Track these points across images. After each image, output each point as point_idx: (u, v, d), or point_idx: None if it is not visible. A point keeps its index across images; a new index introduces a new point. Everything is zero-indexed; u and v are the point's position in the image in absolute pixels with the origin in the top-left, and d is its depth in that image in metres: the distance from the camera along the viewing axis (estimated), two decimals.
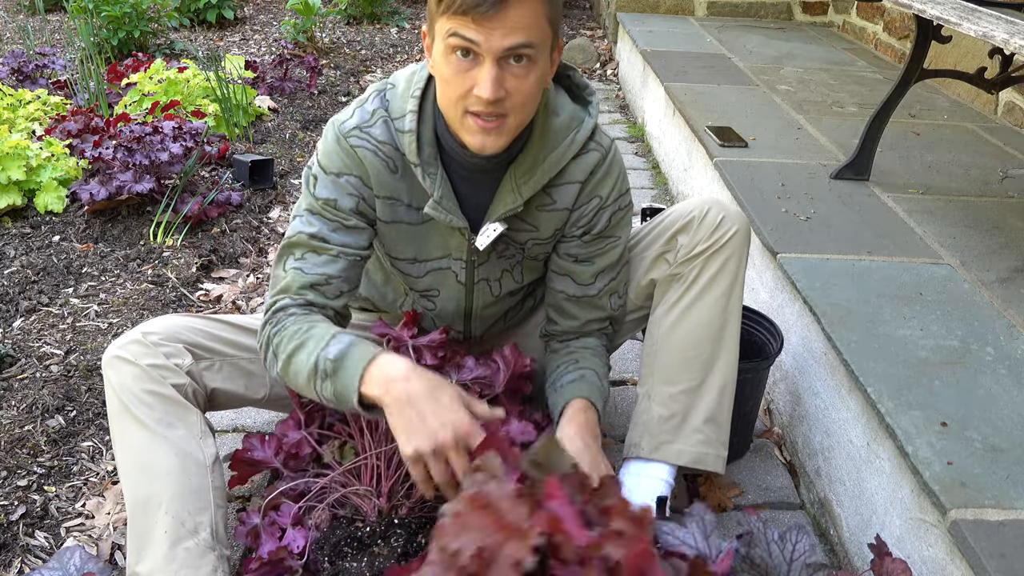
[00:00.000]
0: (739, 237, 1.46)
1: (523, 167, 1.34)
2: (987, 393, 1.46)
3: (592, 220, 1.43)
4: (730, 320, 1.47)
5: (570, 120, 1.36)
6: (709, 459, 1.48)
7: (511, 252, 1.46)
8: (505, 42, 1.15)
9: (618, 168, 1.43)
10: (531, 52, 1.18)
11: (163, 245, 2.52)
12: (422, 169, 1.32)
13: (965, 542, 1.15)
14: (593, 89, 1.41)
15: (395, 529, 1.29)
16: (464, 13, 1.13)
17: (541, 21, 1.17)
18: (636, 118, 4.02)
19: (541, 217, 1.41)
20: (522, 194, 1.35)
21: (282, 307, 1.33)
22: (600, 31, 5.63)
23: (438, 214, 1.35)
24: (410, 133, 1.31)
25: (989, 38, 1.72)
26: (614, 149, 1.43)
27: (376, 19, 5.95)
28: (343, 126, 1.35)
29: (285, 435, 1.44)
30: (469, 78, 1.19)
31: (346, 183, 1.35)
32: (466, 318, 1.55)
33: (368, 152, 1.34)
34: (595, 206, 1.42)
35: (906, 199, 2.29)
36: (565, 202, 1.40)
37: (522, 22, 1.15)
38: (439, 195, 1.33)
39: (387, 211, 1.39)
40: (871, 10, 4.32)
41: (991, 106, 3.21)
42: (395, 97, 1.35)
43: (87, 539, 1.50)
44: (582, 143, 1.37)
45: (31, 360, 1.96)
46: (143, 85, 3.44)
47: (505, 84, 1.19)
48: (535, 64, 1.20)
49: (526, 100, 1.22)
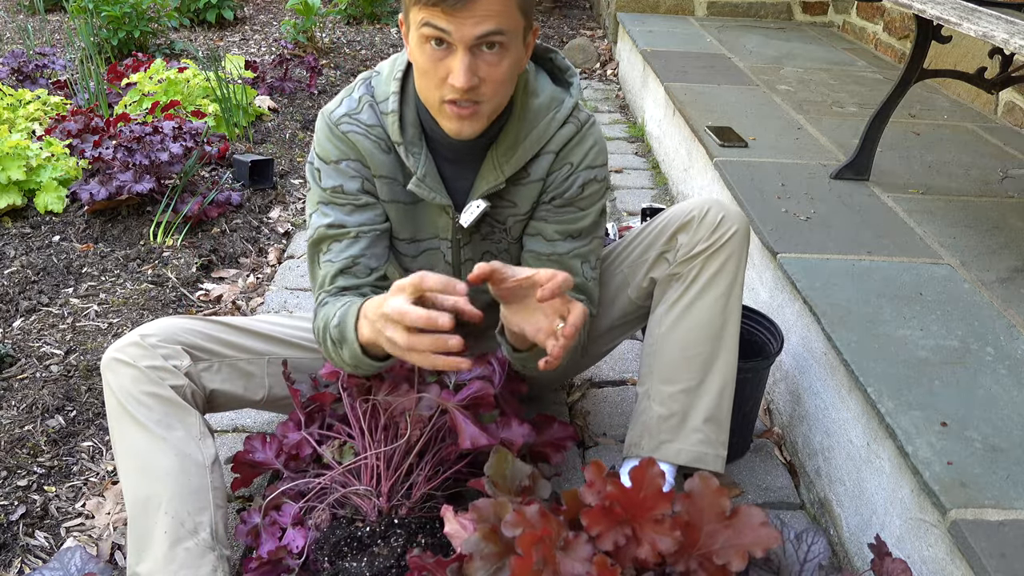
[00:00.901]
0: (739, 237, 1.46)
1: (504, 145, 1.37)
2: (987, 393, 1.45)
3: (562, 185, 1.42)
4: (730, 319, 1.47)
5: (550, 100, 1.39)
6: (709, 459, 1.48)
7: (496, 235, 1.47)
8: (476, 30, 1.17)
9: (592, 139, 1.42)
10: (503, 39, 1.20)
11: (163, 245, 2.52)
12: (405, 148, 1.35)
13: (965, 542, 1.15)
14: (575, 71, 1.43)
15: (395, 529, 1.29)
16: (435, 4, 1.16)
17: (511, 9, 1.20)
18: (636, 118, 4.02)
19: (519, 192, 1.43)
20: (504, 171, 1.38)
21: (320, 303, 1.40)
22: (600, 31, 5.63)
23: (421, 191, 1.37)
24: (392, 114, 1.34)
25: (989, 38, 1.72)
26: (592, 122, 1.43)
27: (376, 19, 5.95)
28: (332, 115, 1.39)
29: (286, 436, 1.44)
30: (443, 67, 1.21)
31: (347, 168, 1.39)
32: None
33: (359, 136, 1.37)
34: (566, 172, 1.42)
35: (906, 199, 2.29)
36: (539, 173, 1.41)
37: (492, 10, 1.17)
38: (422, 173, 1.36)
39: (385, 190, 1.41)
40: (871, 10, 4.31)
41: (991, 106, 3.21)
42: (379, 83, 1.39)
43: (87, 539, 1.50)
44: (562, 121, 1.39)
45: (31, 360, 1.96)
46: (143, 85, 3.44)
47: (478, 72, 1.21)
48: (507, 50, 1.22)
49: (500, 86, 1.25)
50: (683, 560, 1.12)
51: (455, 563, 1.12)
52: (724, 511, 1.14)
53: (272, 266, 2.55)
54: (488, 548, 1.10)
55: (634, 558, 1.11)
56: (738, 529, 1.13)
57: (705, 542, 1.13)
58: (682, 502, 1.15)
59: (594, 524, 1.11)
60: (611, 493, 1.13)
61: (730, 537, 1.13)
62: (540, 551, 1.05)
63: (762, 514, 1.14)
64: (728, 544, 1.12)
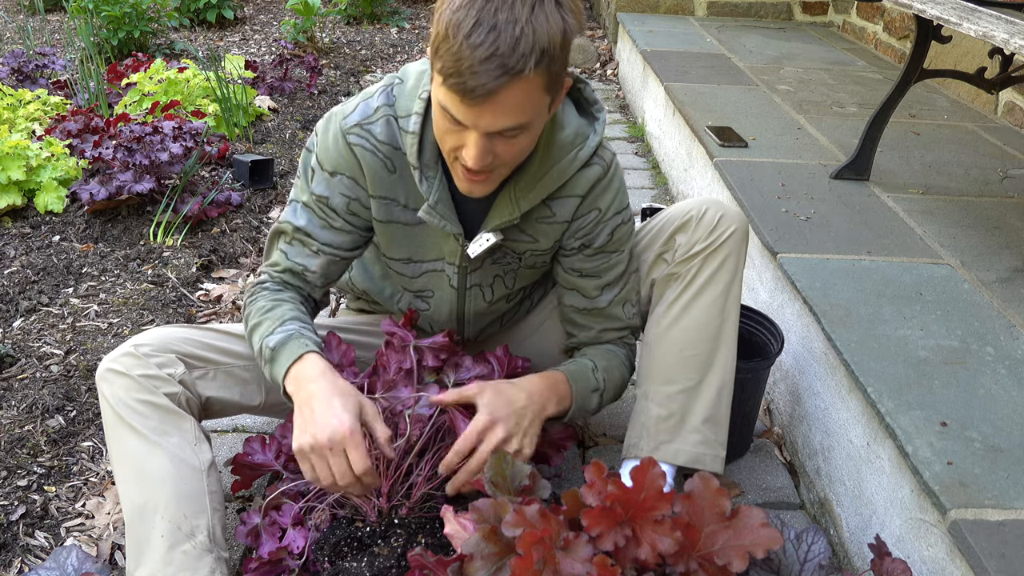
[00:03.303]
0: (737, 236, 1.46)
1: (524, 180, 1.33)
2: (987, 393, 1.45)
3: (591, 232, 1.41)
4: (728, 319, 1.47)
5: (575, 136, 1.34)
6: (707, 459, 1.48)
7: (508, 261, 1.46)
8: (493, 126, 1.13)
9: (618, 182, 1.41)
10: (520, 130, 1.16)
11: (163, 245, 2.52)
12: (420, 172, 1.31)
13: (965, 542, 1.15)
14: (602, 106, 1.39)
15: (395, 529, 1.30)
16: (454, 90, 1.10)
17: (536, 97, 1.13)
18: (636, 118, 4.02)
19: (541, 229, 1.41)
20: (520, 207, 1.34)
21: (262, 281, 1.45)
22: (600, 31, 5.63)
23: (432, 219, 1.34)
24: (413, 135, 1.29)
25: (989, 38, 1.72)
26: (615, 164, 1.41)
27: (376, 19, 5.95)
28: (345, 122, 1.34)
29: (285, 437, 1.44)
30: (458, 138, 1.18)
31: (339, 183, 1.36)
32: (459, 321, 1.55)
33: (366, 152, 1.33)
34: (594, 218, 1.40)
35: (906, 199, 2.29)
36: (564, 215, 1.39)
37: (514, 104, 1.11)
38: (434, 200, 1.32)
39: (382, 211, 1.39)
40: (871, 10, 4.31)
41: (991, 106, 3.21)
42: (402, 94, 1.33)
43: (87, 539, 1.50)
44: (585, 159, 1.35)
45: (31, 360, 1.96)
46: (143, 85, 3.44)
47: (494, 150, 1.17)
48: (528, 131, 1.18)
49: (516, 157, 1.23)
50: (683, 561, 1.12)
51: (456, 563, 1.12)
52: (724, 512, 1.14)
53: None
54: (488, 548, 1.10)
55: (634, 559, 1.11)
56: (738, 530, 1.13)
57: (705, 543, 1.13)
58: (682, 503, 1.15)
59: (594, 524, 1.11)
60: (612, 493, 1.13)
61: (730, 538, 1.13)
62: (540, 551, 1.05)
63: (762, 515, 1.14)
64: (728, 545, 1.12)
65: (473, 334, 1.59)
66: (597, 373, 1.47)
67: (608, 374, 1.49)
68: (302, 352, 1.30)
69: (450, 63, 1.07)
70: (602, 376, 1.48)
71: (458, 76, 1.07)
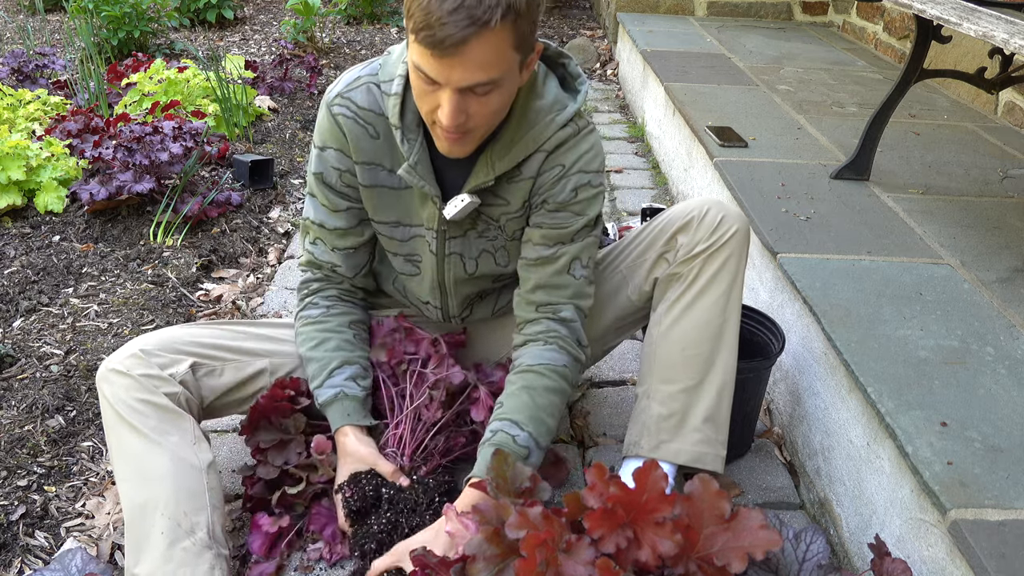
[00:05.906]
0: (738, 237, 1.46)
1: (500, 145, 1.36)
2: (987, 393, 1.46)
3: (553, 188, 1.40)
4: (729, 319, 1.47)
5: (553, 103, 1.37)
6: (708, 458, 1.48)
7: (491, 232, 1.47)
8: (464, 80, 1.16)
9: (588, 143, 1.40)
10: (492, 86, 1.19)
11: (163, 245, 2.52)
12: (402, 132, 1.35)
13: (965, 542, 1.15)
14: (585, 80, 1.41)
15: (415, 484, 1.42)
16: (424, 44, 1.14)
17: (505, 52, 1.16)
18: (636, 118, 4.02)
19: (510, 189, 1.42)
20: (495, 169, 1.37)
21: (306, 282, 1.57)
22: (600, 31, 5.63)
23: (411, 178, 1.37)
24: (395, 96, 1.34)
25: (989, 38, 1.72)
26: (590, 128, 1.41)
27: (376, 19, 5.95)
28: (329, 93, 1.42)
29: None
30: (433, 98, 1.21)
31: (329, 156, 1.43)
32: (441, 292, 1.55)
33: (347, 120, 1.39)
34: (557, 173, 1.40)
35: (906, 199, 2.29)
36: (530, 172, 1.41)
37: (483, 59, 1.14)
38: (414, 160, 1.36)
39: (367, 175, 1.43)
40: (871, 10, 4.31)
41: (991, 106, 3.21)
42: (388, 62, 1.39)
43: (87, 539, 1.50)
44: (561, 124, 1.37)
45: (31, 360, 1.96)
46: (143, 85, 3.44)
47: (468, 108, 1.21)
48: (500, 88, 1.21)
49: (491, 116, 1.26)
50: (683, 562, 1.13)
51: (458, 563, 1.12)
52: (724, 514, 1.14)
53: (272, 266, 2.55)
54: (491, 550, 1.10)
55: (635, 560, 1.11)
56: (737, 531, 1.13)
57: (705, 544, 1.14)
58: (682, 505, 1.15)
59: (596, 527, 1.11)
60: (614, 495, 1.13)
61: (729, 539, 1.13)
62: (543, 553, 1.06)
63: (761, 516, 1.14)
64: (727, 546, 1.13)
65: (456, 310, 1.59)
66: (519, 438, 1.36)
67: (536, 424, 1.39)
68: (340, 425, 1.45)
69: (420, 17, 1.12)
70: (528, 433, 1.37)
71: (428, 29, 1.11)
